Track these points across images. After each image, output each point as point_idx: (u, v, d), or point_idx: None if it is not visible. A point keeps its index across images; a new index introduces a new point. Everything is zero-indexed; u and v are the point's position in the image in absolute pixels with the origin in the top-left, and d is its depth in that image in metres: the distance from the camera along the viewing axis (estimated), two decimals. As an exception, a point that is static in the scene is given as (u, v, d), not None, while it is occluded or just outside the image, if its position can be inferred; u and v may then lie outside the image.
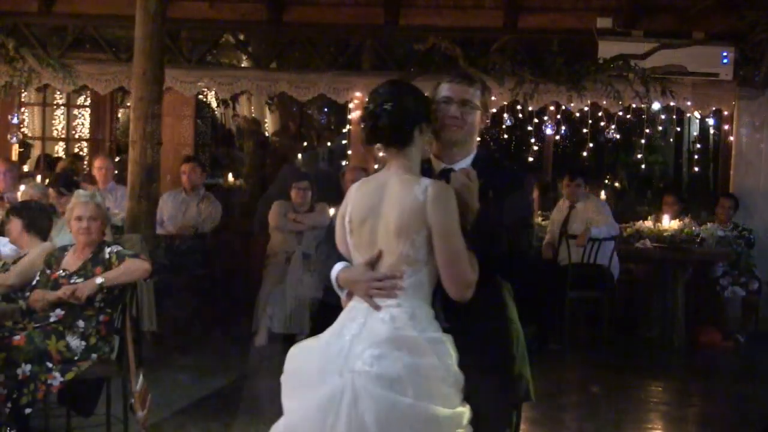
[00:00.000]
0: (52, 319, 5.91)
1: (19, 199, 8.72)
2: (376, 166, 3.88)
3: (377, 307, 3.49)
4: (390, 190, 3.54)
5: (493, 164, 3.88)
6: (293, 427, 3.49)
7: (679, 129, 13.10)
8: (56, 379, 5.71)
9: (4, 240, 7.01)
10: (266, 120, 14.87)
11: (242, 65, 12.38)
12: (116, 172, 10.84)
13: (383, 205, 3.52)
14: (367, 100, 3.66)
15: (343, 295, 3.66)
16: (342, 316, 3.60)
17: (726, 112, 11.09)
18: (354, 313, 3.56)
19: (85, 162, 12.29)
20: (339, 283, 3.67)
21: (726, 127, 11.19)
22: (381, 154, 3.64)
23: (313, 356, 3.54)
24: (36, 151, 13.87)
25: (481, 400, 3.52)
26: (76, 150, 13.61)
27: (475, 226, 3.50)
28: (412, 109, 3.58)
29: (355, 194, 3.65)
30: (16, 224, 6.66)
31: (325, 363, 3.46)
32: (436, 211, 3.43)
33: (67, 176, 8.73)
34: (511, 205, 3.65)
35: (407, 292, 3.48)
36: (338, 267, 3.68)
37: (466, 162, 3.77)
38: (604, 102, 10.60)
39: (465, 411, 3.45)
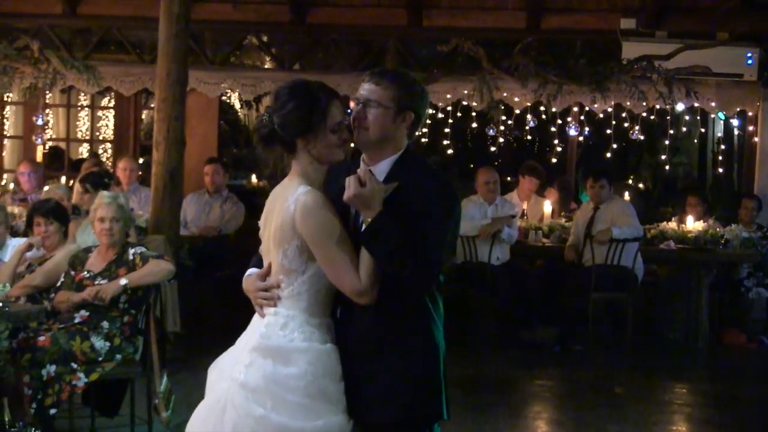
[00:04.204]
0: (76, 320, 5.95)
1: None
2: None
3: (262, 316, 3.53)
4: (279, 197, 3.52)
5: (414, 165, 3.54)
6: (189, 429, 3.57)
7: (703, 130, 13.02)
8: (81, 379, 5.76)
9: (15, 241, 7.02)
10: (289, 121, 14.86)
11: (265, 66, 12.40)
12: (140, 173, 10.89)
13: (274, 214, 3.51)
14: None
15: None
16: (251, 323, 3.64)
17: (750, 113, 11.03)
18: (254, 319, 3.62)
19: (108, 163, 12.34)
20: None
21: (750, 128, 11.13)
22: None
23: (221, 360, 3.64)
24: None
25: (379, 413, 3.43)
26: (100, 151, 13.66)
27: (370, 228, 3.34)
28: (291, 121, 3.47)
29: (268, 200, 3.64)
30: (58, 228, 6.71)
31: (223, 367, 3.56)
32: (303, 221, 3.38)
33: (98, 176, 8.70)
34: (418, 206, 3.37)
35: (285, 302, 3.48)
36: (246, 274, 3.68)
37: (383, 164, 3.55)
38: (628, 103, 10.56)
39: (333, 425, 3.36)
